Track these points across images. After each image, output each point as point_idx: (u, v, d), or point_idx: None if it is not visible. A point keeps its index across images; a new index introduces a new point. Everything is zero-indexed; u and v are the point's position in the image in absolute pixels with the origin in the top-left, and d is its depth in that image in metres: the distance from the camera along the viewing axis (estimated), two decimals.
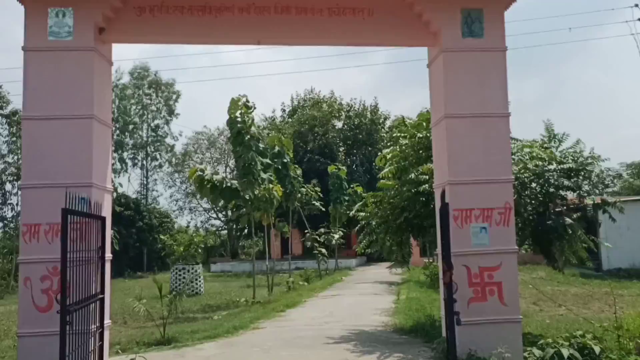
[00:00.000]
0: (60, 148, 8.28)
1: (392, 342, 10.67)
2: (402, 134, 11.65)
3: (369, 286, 23.34)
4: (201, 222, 54.12)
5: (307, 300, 18.56)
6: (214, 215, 54.49)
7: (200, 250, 27.38)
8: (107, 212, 8.86)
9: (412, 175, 10.49)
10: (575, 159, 10.55)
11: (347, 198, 34.27)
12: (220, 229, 52.80)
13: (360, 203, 13.19)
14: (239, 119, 18.21)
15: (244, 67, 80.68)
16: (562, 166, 10.35)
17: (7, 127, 30.17)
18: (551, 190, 10.22)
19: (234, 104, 18.11)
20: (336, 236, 31.90)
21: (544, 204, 10.27)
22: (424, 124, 11.63)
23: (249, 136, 18.18)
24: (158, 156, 51.27)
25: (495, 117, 8.70)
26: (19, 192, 28.17)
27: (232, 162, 49.13)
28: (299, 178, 26.40)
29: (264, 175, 18.63)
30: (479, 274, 8.36)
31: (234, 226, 52.31)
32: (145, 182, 50.38)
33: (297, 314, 15.29)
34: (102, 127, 8.77)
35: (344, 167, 35.35)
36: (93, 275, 8.05)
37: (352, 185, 35.64)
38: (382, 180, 12.54)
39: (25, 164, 8.31)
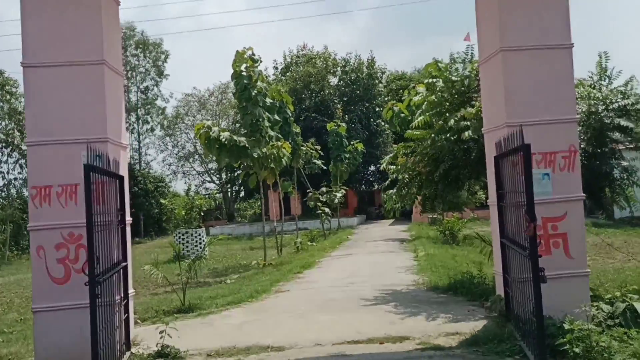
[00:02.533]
0: (69, 99, 7.27)
1: (433, 301, 9.94)
2: (435, 79, 10.65)
3: (380, 244, 22.67)
4: (195, 185, 53.07)
5: (321, 261, 17.83)
6: (208, 179, 53.50)
7: (202, 213, 26.51)
8: (124, 170, 7.92)
9: (452, 122, 9.55)
10: (626, 96, 9.64)
11: (347, 156, 33.34)
12: (216, 192, 51.81)
13: (391, 155, 12.26)
14: (245, 73, 17.09)
15: (228, 28, 78.62)
16: (612, 105, 9.46)
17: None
18: (604, 131, 9.36)
19: (239, 56, 16.96)
20: (338, 195, 31.07)
21: (596, 146, 9.43)
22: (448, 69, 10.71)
23: (255, 91, 17.09)
24: (149, 119, 49.80)
25: (556, 49, 7.74)
26: (24, 151, 27.01)
27: (224, 124, 47.88)
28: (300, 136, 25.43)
29: (272, 133, 17.62)
30: (541, 225, 7.53)
31: (230, 188, 51.50)
32: (137, 147, 49.03)
33: (316, 275, 14.54)
34: (114, 74, 7.74)
35: (343, 124, 34.26)
36: (115, 241, 7.15)
37: (352, 142, 34.67)
38: (409, 131, 11.60)
39: (29, 118, 7.29)
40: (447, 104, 10.08)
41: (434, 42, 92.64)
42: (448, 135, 9.87)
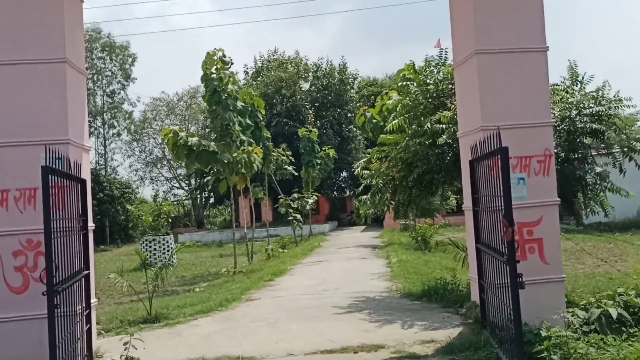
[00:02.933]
0: (28, 99, 6.91)
1: (407, 308, 9.77)
2: (410, 82, 10.52)
3: (352, 250, 22.50)
4: (163, 192, 52.16)
5: (293, 268, 17.56)
6: (177, 185, 52.71)
7: (170, 220, 25.97)
8: (86, 173, 7.56)
9: (428, 126, 9.41)
10: (598, 102, 9.65)
11: (319, 161, 33.15)
12: (185, 198, 51.04)
13: (364, 160, 12.08)
14: (215, 75, 16.77)
15: (195, 29, 77.90)
16: (585, 111, 9.46)
17: None
18: (577, 136, 9.35)
19: (209, 58, 16.63)
20: (310, 201, 30.85)
21: (569, 151, 9.40)
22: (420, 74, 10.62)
23: (226, 94, 16.77)
24: (115, 124, 48.85)
25: (532, 52, 7.68)
26: None
27: (193, 129, 47.26)
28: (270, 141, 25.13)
29: (243, 137, 17.30)
30: (517, 230, 7.40)
31: (199, 194, 50.82)
32: (103, 152, 48.04)
33: (288, 283, 14.27)
34: (76, 74, 7.39)
35: (315, 130, 34.07)
36: (76, 248, 6.78)
37: (324, 148, 34.51)
38: (383, 135, 11.45)
39: None
40: (422, 107, 9.96)
41: (403, 49, 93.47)
42: (422, 139, 9.74)
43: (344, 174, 45.73)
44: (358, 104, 41.71)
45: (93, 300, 7.54)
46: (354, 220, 48.37)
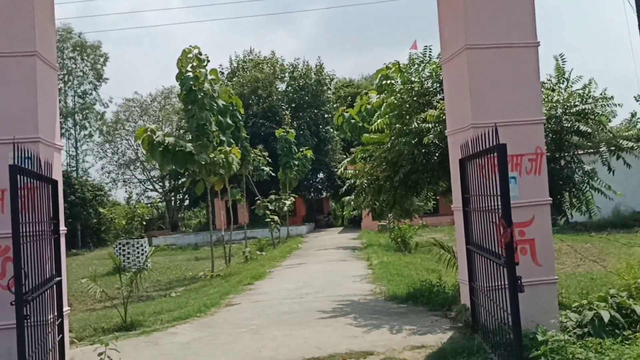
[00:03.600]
0: None
1: (393, 312, 9.51)
2: (393, 80, 10.27)
3: (332, 252, 22.20)
4: (137, 194, 51.25)
5: (272, 271, 17.19)
6: (151, 187, 51.83)
7: (144, 223, 25.39)
8: (58, 174, 7.12)
9: (414, 125, 9.16)
10: (584, 100, 9.52)
11: (296, 162, 32.84)
12: (159, 200, 50.17)
13: (348, 160, 11.78)
14: (190, 74, 16.33)
15: (169, 30, 76.87)
16: (571, 110, 9.32)
17: None
18: (564, 135, 9.20)
19: (184, 56, 16.19)
20: (288, 202, 30.50)
21: (556, 150, 9.25)
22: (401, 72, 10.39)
23: (202, 93, 16.35)
24: (87, 125, 47.78)
25: (522, 47, 7.45)
26: None
27: (167, 130, 46.47)
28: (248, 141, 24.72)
29: (223, 137, 16.89)
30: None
31: (174, 196, 50.04)
32: (75, 154, 46.93)
33: (268, 286, 13.90)
34: (47, 68, 6.96)
35: (292, 131, 33.72)
36: (47, 253, 6.36)
37: (301, 149, 34.19)
38: (366, 135, 11.19)
39: None
40: (407, 105, 9.70)
41: (379, 51, 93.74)
42: (408, 138, 9.49)
43: (321, 175, 45.47)
44: (335, 105, 41.49)
45: (65, 308, 7.11)
46: (331, 221, 48.18)
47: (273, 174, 29.88)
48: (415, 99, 9.93)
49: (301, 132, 39.64)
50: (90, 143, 49.16)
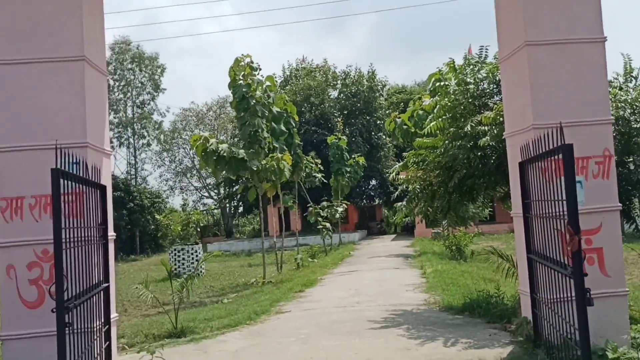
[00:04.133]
0: (44, 100, 6.49)
1: (448, 323, 9.08)
2: (447, 81, 9.86)
3: (384, 260, 21.77)
4: (193, 201, 52.18)
5: (323, 278, 16.95)
6: (206, 194, 52.64)
7: (199, 229, 25.63)
8: (107, 179, 7.10)
9: (468, 127, 8.75)
10: None
11: (348, 169, 32.55)
12: (214, 207, 50.86)
13: (400, 165, 11.43)
14: (243, 82, 16.34)
15: (224, 41, 78.25)
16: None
17: None
18: (633, 137, 8.58)
19: (236, 64, 16.21)
20: (340, 209, 30.23)
21: (624, 153, 8.64)
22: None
23: (254, 101, 16.33)
24: (145, 134, 49.04)
25: (587, 43, 6.98)
26: None
27: (222, 138, 47.10)
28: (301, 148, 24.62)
29: (276, 144, 16.82)
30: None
31: (228, 203, 50.61)
32: (134, 162, 48.23)
33: (319, 294, 13.66)
34: (95, 73, 6.96)
35: (344, 137, 33.47)
36: (95, 259, 6.32)
37: (353, 156, 33.89)
38: (419, 139, 10.81)
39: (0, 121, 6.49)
40: (462, 107, 9.28)
41: (431, 57, 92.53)
42: (463, 142, 9.07)
43: (374, 182, 44.99)
44: (387, 111, 40.99)
45: (113, 315, 7.07)
46: (383, 229, 47.57)
47: (325, 181, 29.68)
48: (470, 100, 9.50)
49: (353, 139, 39.33)
50: (148, 152, 50.46)
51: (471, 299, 10.37)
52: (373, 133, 42.17)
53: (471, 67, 9.76)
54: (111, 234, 7.09)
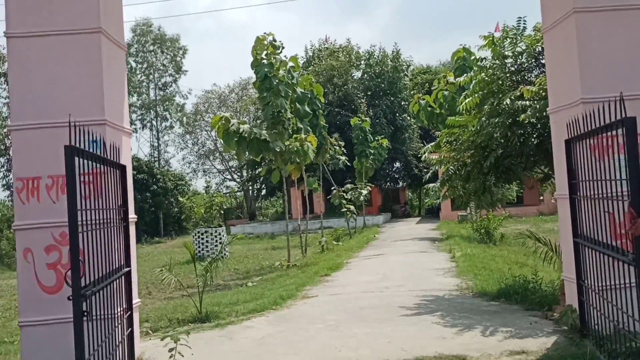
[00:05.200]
0: (60, 75, 6.15)
1: (484, 310, 8.64)
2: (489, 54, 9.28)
3: (410, 243, 21.33)
4: (216, 184, 52.22)
5: (349, 262, 16.59)
6: (229, 177, 52.59)
7: (222, 212, 25.45)
8: (126, 159, 6.77)
9: (508, 102, 8.20)
10: None
11: (372, 151, 32.01)
12: (237, 190, 50.82)
13: (432, 144, 10.94)
14: (265, 61, 15.90)
15: (246, 23, 77.73)
16: None
17: (6, 86, 27.82)
18: None
19: (259, 43, 15.77)
20: (364, 192, 29.79)
21: None
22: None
23: (277, 80, 15.89)
24: (168, 116, 49.00)
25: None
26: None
27: (245, 119, 46.82)
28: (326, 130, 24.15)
29: (300, 125, 16.40)
30: (624, 222, 6.19)
31: (251, 186, 50.50)
32: (156, 144, 48.27)
33: (346, 278, 13.30)
34: (113, 46, 6.59)
35: (367, 119, 32.88)
36: (115, 242, 6.00)
37: (377, 138, 33.32)
38: (451, 117, 10.28)
39: (14, 98, 6.19)
40: (500, 82, 8.74)
41: (456, 37, 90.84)
42: (500, 119, 8.53)
43: (398, 164, 44.41)
44: (412, 92, 40.20)
45: (135, 300, 6.78)
46: (408, 211, 47.05)
47: (349, 163, 29.22)
48: (508, 75, 8.95)
49: (377, 121, 38.73)
50: (171, 134, 50.49)
51: (506, 284, 9.91)
52: (397, 114, 41.47)
53: (509, 40, 9.18)
54: (132, 216, 6.77)
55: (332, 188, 27.66)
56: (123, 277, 6.24)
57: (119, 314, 5.99)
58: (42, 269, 6.00)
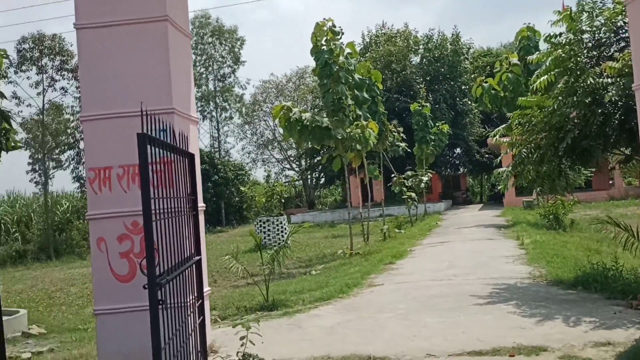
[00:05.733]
0: (128, 64, 6.19)
1: (561, 299, 8.23)
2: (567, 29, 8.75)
3: (475, 230, 20.78)
4: (275, 173, 52.69)
5: (413, 250, 16.31)
6: (288, 166, 52.91)
7: (282, 201, 25.59)
8: (194, 147, 6.75)
9: (590, 79, 7.71)
10: None
11: (432, 137, 31.37)
12: (296, 179, 51.09)
13: (504, 126, 10.51)
14: (325, 47, 15.73)
15: (303, 16, 77.83)
16: None
17: (75, 82, 28.83)
18: None
19: (318, 29, 15.60)
20: (425, 179, 29.27)
21: None
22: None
23: (337, 67, 15.70)
24: (227, 107, 49.70)
25: None
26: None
27: (303, 108, 46.89)
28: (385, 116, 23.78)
29: (359, 112, 16.18)
30: None
31: (310, 175, 50.65)
32: (217, 135, 49.06)
33: (411, 266, 13.05)
34: (179, 34, 6.58)
35: (427, 104, 32.20)
36: (185, 231, 5.99)
37: (437, 124, 32.62)
38: (522, 98, 9.81)
39: (85, 89, 6.28)
40: (578, 59, 8.23)
41: (517, 18, 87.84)
42: (579, 98, 8.05)
43: (458, 150, 43.43)
44: (473, 76, 39.09)
45: (206, 288, 6.79)
46: (469, 198, 46.04)
47: (408, 150, 28.74)
48: (586, 52, 8.44)
49: (437, 106, 37.88)
50: (230, 125, 51.17)
51: (583, 272, 9.44)
52: (458, 99, 40.44)
53: (586, 14, 8.65)
54: (201, 205, 6.77)
55: (392, 175, 27.28)
56: (194, 265, 6.23)
57: (191, 302, 6.00)
58: (115, 258, 6.07)
